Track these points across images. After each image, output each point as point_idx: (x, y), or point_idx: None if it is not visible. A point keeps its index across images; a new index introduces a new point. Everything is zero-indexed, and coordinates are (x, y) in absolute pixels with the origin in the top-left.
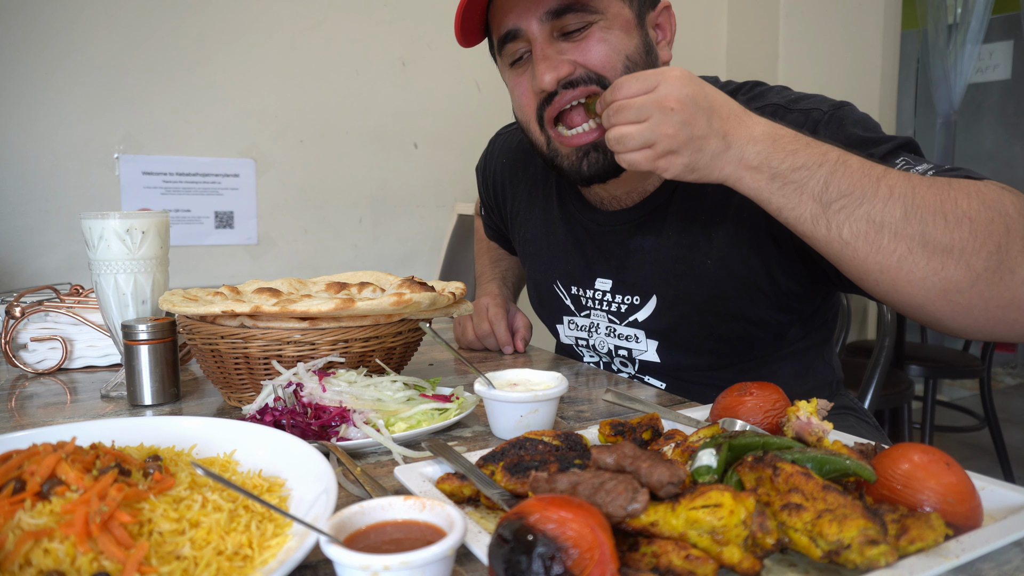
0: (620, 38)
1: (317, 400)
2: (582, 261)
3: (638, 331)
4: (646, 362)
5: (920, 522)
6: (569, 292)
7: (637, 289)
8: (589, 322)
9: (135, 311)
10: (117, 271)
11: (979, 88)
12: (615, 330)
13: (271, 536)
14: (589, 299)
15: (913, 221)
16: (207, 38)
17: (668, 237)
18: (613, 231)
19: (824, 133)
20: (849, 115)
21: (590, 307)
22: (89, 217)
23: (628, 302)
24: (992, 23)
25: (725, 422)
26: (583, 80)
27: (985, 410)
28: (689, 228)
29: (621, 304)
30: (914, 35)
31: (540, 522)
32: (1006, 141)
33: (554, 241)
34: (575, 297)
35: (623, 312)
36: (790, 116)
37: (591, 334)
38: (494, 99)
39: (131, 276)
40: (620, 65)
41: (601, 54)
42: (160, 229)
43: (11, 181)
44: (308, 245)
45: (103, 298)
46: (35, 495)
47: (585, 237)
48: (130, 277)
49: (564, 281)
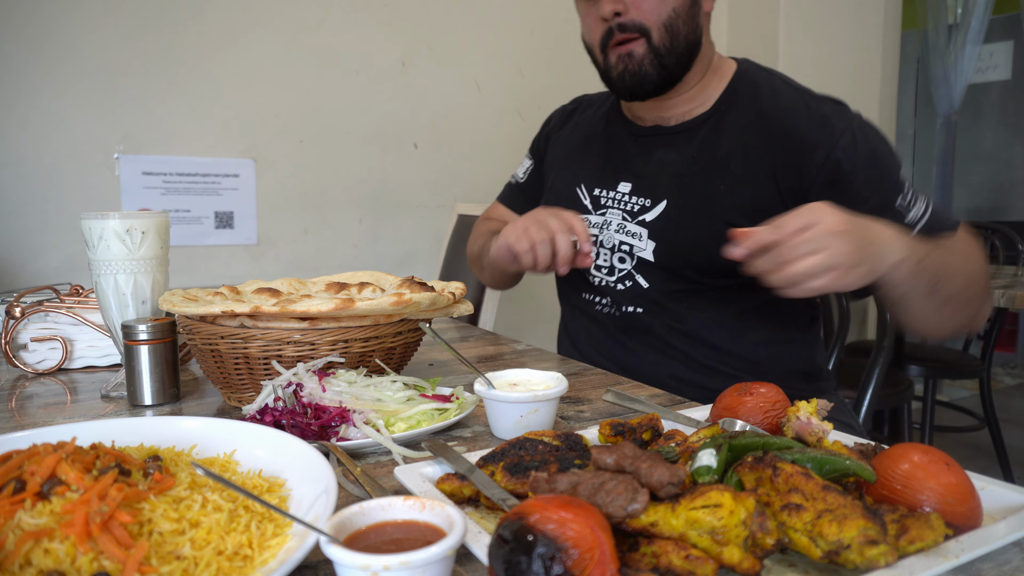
0: None
1: (317, 400)
2: (610, 167)
3: (643, 230)
4: (643, 259)
5: (920, 522)
6: (591, 193)
7: (651, 192)
8: (604, 220)
9: (135, 311)
10: (117, 271)
11: (979, 88)
12: (625, 227)
13: (271, 536)
14: (609, 199)
15: (967, 290)
16: (207, 38)
17: (690, 156)
18: (646, 142)
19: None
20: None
21: (608, 206)
22: (89, 217)
23: (640, 203)
24: (992, 23)
25: (725, 422)
26: (629, 27)
27: (985, 410)
28: (712, 155)
29: (635, 204)
30: (914, 35)
31: (540, 522)
32: (1006, 141)
33: (589, 151)
34: (595, 198)
35: (635, 211)
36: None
37: (602, 231)
38: (494, 99)
39: (131, 276)
40: (666, 16)
41: (653, 4)
42: (160, 229)
43: (11, 181)
44: (308, 245)
45: (103, 298)
46: (35, 495)
47: (617, 147)
48: (130, 277)
49: (588, 184)
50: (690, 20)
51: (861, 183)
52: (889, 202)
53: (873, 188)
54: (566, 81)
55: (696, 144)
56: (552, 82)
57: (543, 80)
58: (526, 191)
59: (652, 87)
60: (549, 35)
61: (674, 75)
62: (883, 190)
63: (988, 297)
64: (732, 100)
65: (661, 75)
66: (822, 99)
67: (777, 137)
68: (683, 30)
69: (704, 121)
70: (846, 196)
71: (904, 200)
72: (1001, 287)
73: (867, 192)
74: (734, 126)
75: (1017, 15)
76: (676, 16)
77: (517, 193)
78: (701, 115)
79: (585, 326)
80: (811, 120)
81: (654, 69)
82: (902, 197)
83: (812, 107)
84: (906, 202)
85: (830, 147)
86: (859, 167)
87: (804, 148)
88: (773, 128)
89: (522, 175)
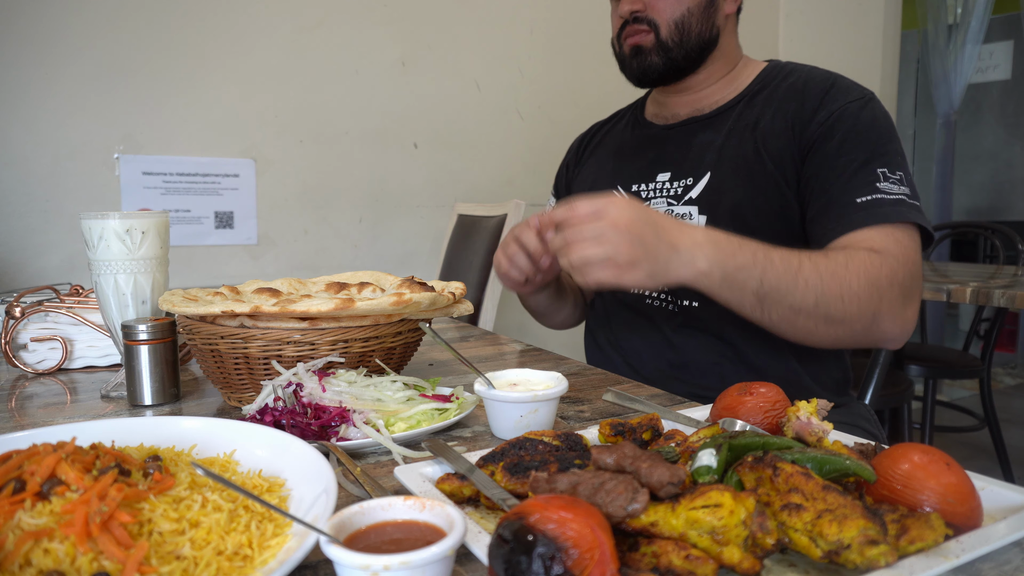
0: None
1: (317, 400)
2: (647, 164)
3: (692, 208)
4: None
5: (920, 522)
6: (629, 189)
7: (693, 171)
8: None
9: (135, 311)
10: (117, 271)
11: (979, 88)
12: (672, 211)
13: (271, 536)
14: (650, 190)
15: (820, 306)
16: (207, 38)
17: (727, 131)
18: (683, 132)
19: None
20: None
21: (650, 197)
22: (89, 217)
23: (684, 184)
24: (992, 23)
25: (725, 422)
26: (643, 21)
27: (985, 410)
28: (746, 124)
29: (678, 187)
30: (914, 35)
31: (540, 522)
32: (1006, 141)
33: (623, 155)
34: (635, 193)
35: (679, 194)
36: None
37: None
38: (494, 99)
39: (131, 276)
40: (679, 15)
41: (668, 5)
42: (160, 229)
43: (11, 181)
44: (308, 245)
45: (103, 298)
46: (35, 495)
47: (650, 144)
48: (130, 277)
49: (626, 182)
50: (705, 20)
51: (852, 141)
52: (871, 163)
53: (859, 147)
54: (566, 81)
55: (732, 120)
56: (552, 82)
57: (543, 80)
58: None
59: (657, 75)
60: (549, 35)
61: (681, 67)
62: (869, 153)
63: (882, 316)
64: (766, 81)
65: (667, 65)
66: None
67: (799, 96)
68: (696, 28)
69: (739, 101)
70: (832, 149)
71: (889, 172)
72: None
73: (853, 150)
74: (767, 98)
75: (1017, 15)
76: (689, 15)
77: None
78: (735, 97)
79: (629, 321)
80: (830, 85)
81: (660, 59)
82: (888, 169)
83: (838, 81)
84: (890, 175)
85: (837, 106)
86: (856, 128)
87: (820, 105)
88: (798, 90)
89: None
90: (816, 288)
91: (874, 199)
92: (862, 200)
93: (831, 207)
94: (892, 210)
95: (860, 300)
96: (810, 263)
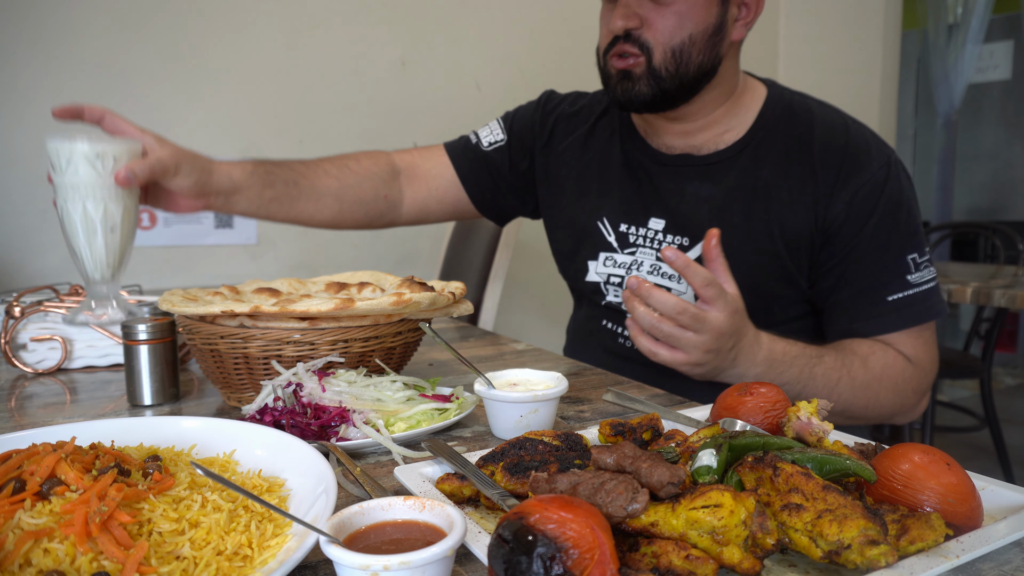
0: (698, 13)
1: (317, 400)
2: (637, 200)
3: None
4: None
5: (920, 522)
6: (616, 229)
7: (688, 231)
8: (633, 259)
9: (103, 240)
10: (86, 197)
11: (979, 88)
12: (660, 268)
13: (271, 536)
14: (640, 237)
15: (846, 411)
16: (207, 38)
17: (728, 189)
18: (675, 173)
19: (891, 172)
20: (901, 186)
21: (638, 244)
22: (56, 139)
23: (678, 242)
24: (992, 23)
25: (725, 422)
26: (633, 41)
27: (985, 410)
28: (752, 186)
29: (673, 244)
30: (914, 35)
31: (540, 522)
32: (1006, 141)
33: (608, 179)
34: (622, 235)
35: None
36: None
37: (631, 271)
38: (494, 99)
39: (101, 203)
40: (678, 41)
41: (668, 27)
42: (133, 157)
43: (11, 181)
44: (307, 245)
45: (69, 225)
46: (35, 495)
47: (643, 177)
48: (100, 204)
49: (613, 218)
50: (708, 49)
51: (881, 227)
52: (902, 251)
53: (888, 233)
54: (566, 81)
55: (734, 175)
56: (552, 82)
57: (543, 80)
58: (485, 163)
59: (643, 105)
60: (549, 35)
61: (673, 98)
62: (900, 240)
63: (897, 415)
64: (767, 125)
65: (656, 96)
66: (859, 123)
67: (818, 164)
68: (696, 59)
69: (740, 150)
70: (859, 237)
71: (919, 257)
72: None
73: (881, 235)
74: (773, 153)
75: (1017, 15)
76: (690, 43)
77: (472, 157)
78: (735, 143)
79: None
80: (849, 145)
81: (649, 89)
82: (919, 253)
83: (851, 129)
84: (920, 260)
85: (861, 183)
86: (884, 209)
87: (838, 178)
88: (813, 152)
89: (487, 145)
90: (847, 400)
91: (905, 297)
92: (893, 299)
93: (860, 301)
94: (923, 309)
95: (883, 407)
96: (848, 378)
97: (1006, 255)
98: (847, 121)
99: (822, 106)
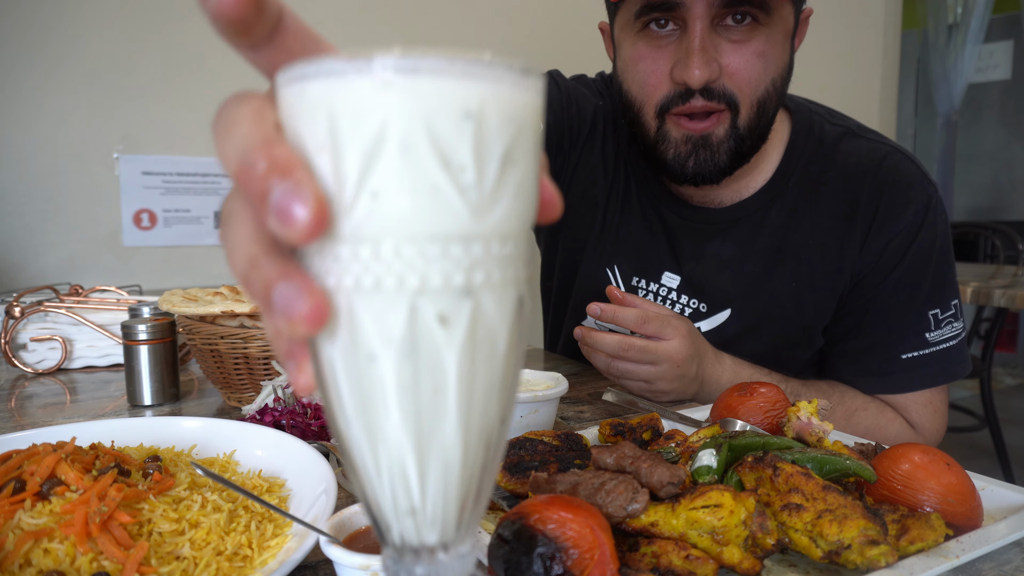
0: (777, 53)
1: (317, 400)
2: (651, 249)
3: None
4: None
5: (920, 522)
6: (627, 282)
7: (707, 296)
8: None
9: None
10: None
11: (979, 88)
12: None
13: (271, 536)
14: (651, 293)
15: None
16: (207, 38)
17: (753, 249)
18: (694, 228)
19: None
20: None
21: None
22: None
23: (694, 307)
24: (992, 23)
25: (725, 422)
26: (718, 95)
27: (985, 410)
28: (779, 246)
29: (686, 306)
30: (914, 35)
31: (540, 522)
32: (1006, 141)
33: (626, 222)
34: (633, 288)
35: (686, 315)
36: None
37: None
38: None
39: None
40: (763, 88)
41: (754, 72)
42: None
43: (11, 181)
44: None
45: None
46: (35, 495)
47: (660, 228)
48: None
49: (625, 268)
50: (781, 96)
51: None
52: (925, 306)
53: (914, 286)
54: None
55: (759, 233)
56: None
57: None
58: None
59: (718, 177)
60: (549, 34)
61: (746, 161)
62: (925, 293)
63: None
64: (795, 170)
65: (734, 164)
66: (892, 149)
67: (851, 214)
68: (771, 108)
69: (766, 203)
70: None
71: (942, 312)
72: (1001, 287)
73: (907, 288)
74: (802, 204)
75: (1017, 15)
76: (773, 91)
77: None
78: (759, 192)
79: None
80: (886, 185)
81: (728, 156)
82: (942, 309)
83: (889, 164)
84: (943, 316)
85: (896, 230)
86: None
87: (873, 225)
88: (847, 200)
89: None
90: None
91: (919, 356)
92: (907, 357)
93: (872, 355)
94: (938, 370)
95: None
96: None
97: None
98: (886, 154)
99: (856, 137)
